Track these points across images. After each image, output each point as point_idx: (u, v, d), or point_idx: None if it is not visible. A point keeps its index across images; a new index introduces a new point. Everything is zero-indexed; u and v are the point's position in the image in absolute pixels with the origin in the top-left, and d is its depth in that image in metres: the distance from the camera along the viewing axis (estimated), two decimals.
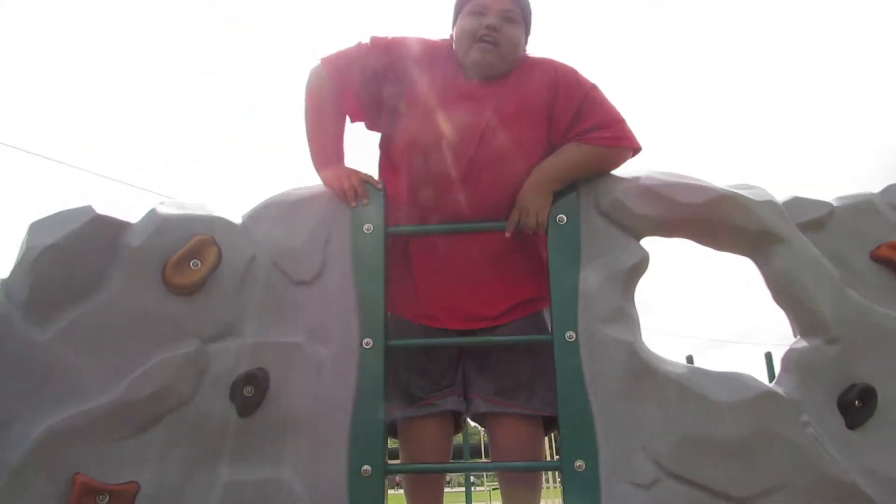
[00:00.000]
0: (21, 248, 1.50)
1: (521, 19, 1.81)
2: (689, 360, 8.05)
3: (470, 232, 1.81)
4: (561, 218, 1.72)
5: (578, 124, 1.74)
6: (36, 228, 1.51)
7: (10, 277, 1.49)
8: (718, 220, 1.70)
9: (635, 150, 1.78)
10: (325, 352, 1.66)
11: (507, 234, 1.74)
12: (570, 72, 1.79)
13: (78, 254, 1.51)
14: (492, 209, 1.77)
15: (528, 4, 1.85)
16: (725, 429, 1.57)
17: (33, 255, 1.48)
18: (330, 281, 1.70)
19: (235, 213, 1.72)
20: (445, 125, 1.75)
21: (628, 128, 1.77)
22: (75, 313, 1.52)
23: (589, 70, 1.81)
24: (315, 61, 1.85)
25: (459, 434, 2.07)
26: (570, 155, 1.74)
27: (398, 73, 1.79)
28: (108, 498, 1.45)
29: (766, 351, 7.18)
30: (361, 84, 1.80)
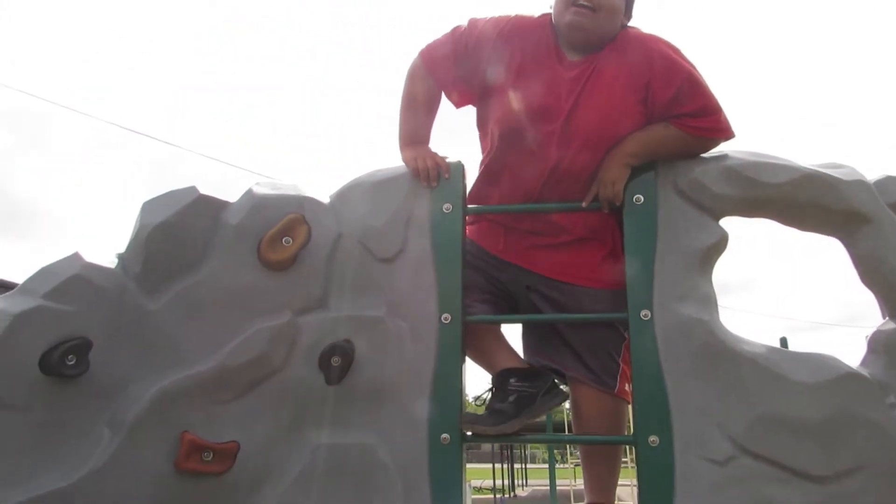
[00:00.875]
0: (135, 225, 1.65)
1: None
2: (783, 342, 7.75)
3: (548, 212, 1.84)
4: (638, 198, 1.73)
5: (677, 107, 1.71)
6: (148, 207, 1.66)
7: (125, 252, 1.64)
8: (803, 200, 1.67)
9: (728, 139, 1.74)
10: (406, 326, 1.75)
11: (584, 205, 1.76)
12: (670, 51, 1.75)
13: (184, 231, 1.65)
14: (581, 183, 1.79)
15: None
16: (804, 408, 1.56)
17: (146, 231, 1.62)
18: (411, 258, 1.77)
19: (324, 193, 1.82)
20: (534, 99, 1.76)
21: (725, 118, 1.72)
22: (182, 285, 1.65)
23: None
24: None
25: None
26: (657, 133, 1.73)
27: (492, 51, 1.81)
28: (212, 455, 1.59)
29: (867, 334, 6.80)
30: (457, 71, 1.84)
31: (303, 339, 1.70)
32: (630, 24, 1.85)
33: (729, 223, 1.73)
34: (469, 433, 1.72)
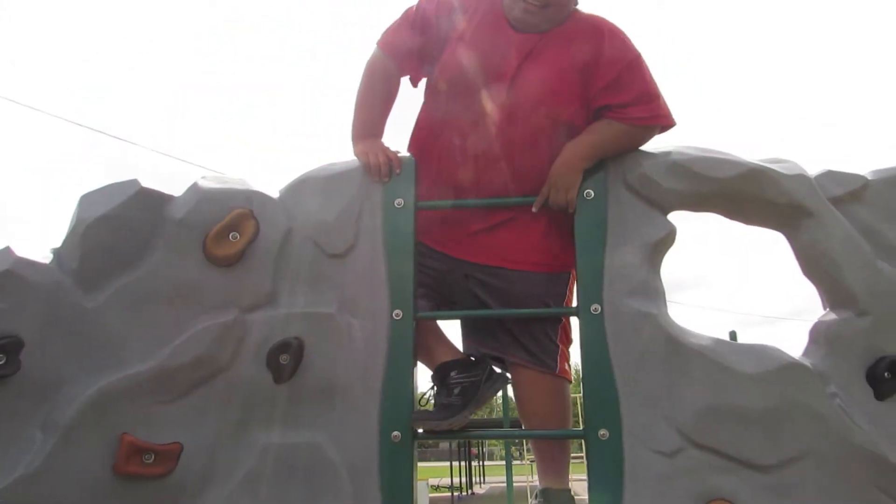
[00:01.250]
0: (72, 219, 1.59)
1: None
2: (732, 336, 7.95)
3: (499, 206, 1.84)
4: (588, 192, 1.74)
5: (615, 94, 1.73)
6: (86, 201, 1.60)
7: (62, 247, 1.57)
8: (747, 194, 1.70)
9: (668, 127, 1.78)
10: (357, 322, 1.72)
11: (534, 210, 1.77)
12: (616, 35, 1.76)
13: (125, 225, 1.59)
14: (526, 157, 1.80)
15: None
16: (749, 399, 1.59)
17: (83, 225, 1.56)
18: (362, 254, 1.75)
19: (273, 188, 1.78)
20: (479, 70, 1.77)
21: (664, 104, 1.76)
22: (122, 282, 1.60)
23: None
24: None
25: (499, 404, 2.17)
26: (604, 133, 1.75)
27: (442, 22, 1.83)
28: (153, 457, 1.54)
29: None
30: (413, 44, 1.85)
31: (251, 336, 1.66)
32: (579, 6, 1.84)
33: (679, 220, 1.76)
34: (420, 430, 1.71)
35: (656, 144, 1.79)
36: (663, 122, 1.76)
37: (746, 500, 1.55)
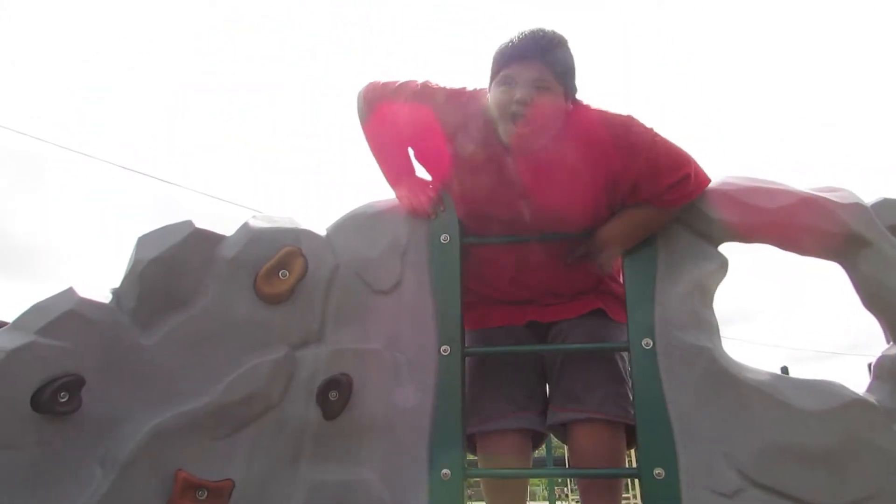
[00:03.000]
0: (130, 259, 1.63)
1: (558, 82, 1.64)
2: (784, 371, 7.68)
3: (540, 240, 1.83)
4: None
5: (642, 193, 1.68)
6: (143, 242, 1.64)
7: (120, 287, 1.62)
8: (800, 225, 1.66)
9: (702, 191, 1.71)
10: (404, 358, 1.73)
11: (568, 261, 1.77)
12: (622, 133, 1.66)
13: (180, 265, 1.63)
14: (558, 271, 1.83)
15: (564, 60, 1.67)
16: (812, 437, 1.53)
17: (141, 266, 1.60)
18: (408, 290, 1.76)
19: (320, 225, 1.81)
20: (483, 196, 1.75)
21: (692, 178, 1.66)
22: (177, 320, 1.63)
23: (589, 69, 1.79)
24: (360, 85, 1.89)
25: (542, 447, 2.12)
26: (646, 217, 1.70)
27: (439, 131, 1.76)
28: (206, 493, 1.55)
29: (869, 362, 6.77)
30: (411, 131, 1.82)
31: (300, 373, 1.68)
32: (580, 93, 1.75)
33: (730, 253, 1.72)
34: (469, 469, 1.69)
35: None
36: (695, 195, 1.68)
37: None
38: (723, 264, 1.68)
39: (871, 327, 1.75)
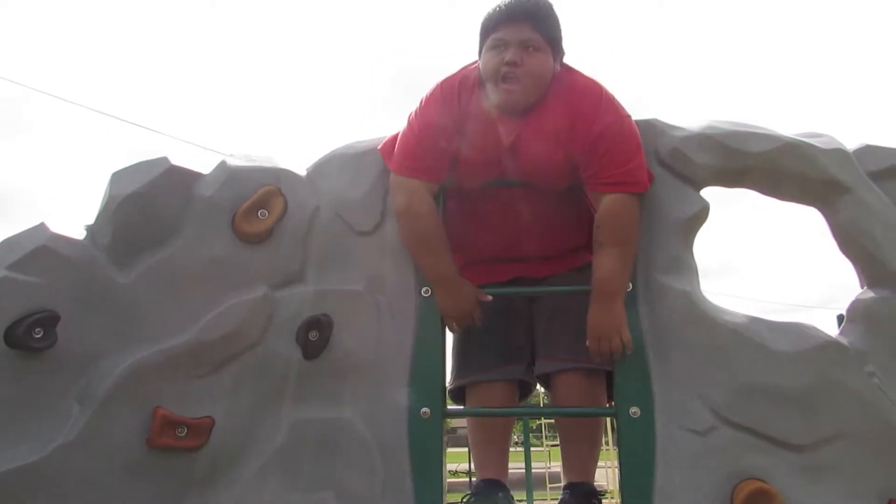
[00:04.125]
0: (104, 195, 1.59)
1: (546, 43, 1.66)
2: None
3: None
4: None
5: (588, 165, 1.66)
6: (117, 178, 1.60)
7: (94, 223, 1.59)
8: (782, 169, 1.67)
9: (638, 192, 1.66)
10: (385, 299, 1.72)
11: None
12: (587, 104, 1.65)
13: (155, 202, 1.59)
14: (547, 226, 1.82)
15: (552, 22, 1.69)
16: (785, 377, 1.56)
17: (115, 202, 1.57)
18: (390, 231, 1.75)
19: (300, 165, 1.78)
20: (474, 156, 1.72)
21: (636, 171, 1.64)
22: (154, 258, 1.60)
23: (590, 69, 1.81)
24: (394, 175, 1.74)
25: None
26: (608, 257, 1.63)
27: (446, 132, 1.72)
28: (186, 430, 1.55)
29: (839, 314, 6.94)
30: (439, 154, 1.72)
31: (280, 313, 1.67)
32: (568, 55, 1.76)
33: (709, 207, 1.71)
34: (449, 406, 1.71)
35: (688, 119, 1.75)
36: (632, 189, 1.64)
37: (780, 479, 1.53)
38: (704, 208, 1.68)
39: (842, 281, 1.77)
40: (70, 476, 1.45)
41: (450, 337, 1.83)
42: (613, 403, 1.67)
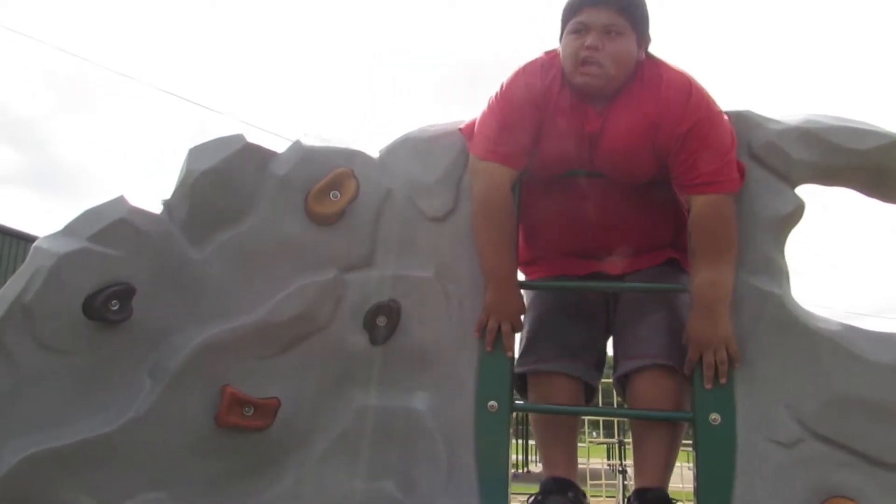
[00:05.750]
0: (181, 170, 1.59)
1: (631, 28, 1.60)
2: None
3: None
4: None
5: (678, 170, 1.58)
6: (195, 153, 1.60)
7: (171, 198, 1.59)
8: (888, 169, 1.55)
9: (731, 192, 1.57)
10: (455, 288, 1.68)
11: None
12: (675, 97, 1.58)
13: (231, 179, 1.59)
14: (630, 221, 1.75)
15: (638, 5, 1.64)
16: (884, 391, 1.46)
17: (192, 177, 1.56)
18: (463, 218, 1.70)
19: (373, 148, 1.75)
20: (554, 146, 1.65)
21: (727, 169, 1.55)
22: (226, 236, 1.60)
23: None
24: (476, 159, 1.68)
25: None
26: (705, 264, 1.56)
27: (529, 116, 1.66)
28: (252, 410, 1.54)
29: None
30: (522, 140, 1.66)
31: (348, 296, 1.64)
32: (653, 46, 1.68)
33: None
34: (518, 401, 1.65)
35: (785, 112, 1.65)
36: (725, 188, 1.55)
37: (872, 498, 1.44)
38: (799, 207, 1.58)
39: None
40: (140, 449, 1.47)
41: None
42: (691, 408, 1.59)
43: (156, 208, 1.59)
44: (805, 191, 1.63)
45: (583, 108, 1.64)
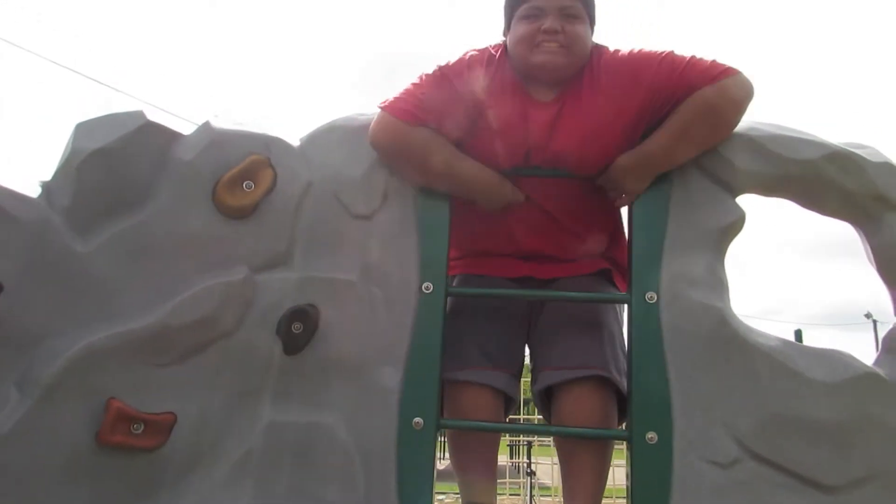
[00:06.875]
0: (65, 149, 1.38)
1: (585, 13, 1.56)
2: (798, 335, 7.74)
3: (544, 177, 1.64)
4: None
5: (691, 76, 1.49)
6: (82, 130, 1.39)
7: (52, 180, 1.37)
8: (828, 180, 1.52)
9: (742, 84, 1.49)
10: (380, 293, 1.54)
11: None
12: (664, 56, 1.52)
13: (126, 161, 1.39)
14: (578, 221, 1.68)
15: None
16: (820, 409, 1.41)
17: (79, 158, 1.35)
18: (390, 217, 1.56)
19: (294, 135, 1.58)
20: (512, 151, 1.56)
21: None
22: (120, 226, 1.40)
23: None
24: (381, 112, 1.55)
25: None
26: (676, 120, 1.49)
27: (464, 102, 1.56)
28: (142, 427, 1.35)
29: (794, 329, 7.00)
30: (443, 111, 1.55)
31: (260, 299, 1.47)
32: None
33: None
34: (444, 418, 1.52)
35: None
36: (730, 72, 1.48)
37: None
38: (741, 217, 1.52)
39: (782, 298, 1.64)
40: (5, 473, 1.25)
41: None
42: (626, 426, 1.51)
43: (32, 191, 1.37)
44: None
45: (530, 99, 1.55)
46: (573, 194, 1.63)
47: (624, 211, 1.67)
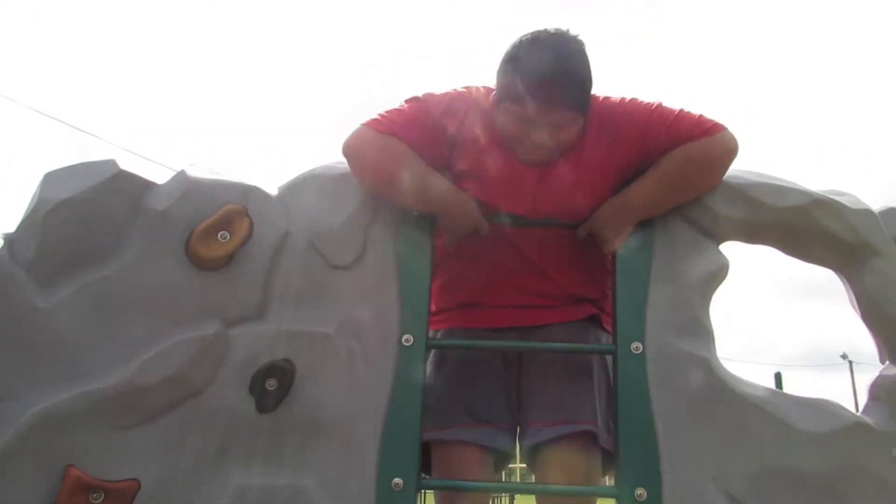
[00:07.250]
0: (32, 200, 1.33)
1: (580, 113, 1.48)
2: (778, 378, 7.72)
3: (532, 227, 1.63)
4: None
5: (680, 129, 1.50)
6: (50, 180, 1.34)
7: (16, 232, 1.31)
8: (809, 227, 1.52)
9: (728, 142, 1.50)
10: (360, 347, 1.48)
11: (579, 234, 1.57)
12: (653, 108, 1.52)
13: (95, 213, 1.34)
14: (560, 270, 1.65)
15: (585, 87, 1.48)
16: (811, 461, 1.39)
17: (45, 209, 1.30)
18: (370, 268, 1.52)
19: (271, 184, 1.54)
20: (495, 193, 1.56)
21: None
22: (86, 280, 1.33)
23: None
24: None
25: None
26: (661, 170, 1.49)
27: (443, 134, 1.54)
28: (102, 496, 1.26)
29: (775, 371, 7.03)
30: (425, 138, 1.53)
31: (233, 355, 1.41)
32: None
33: None
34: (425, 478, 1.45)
35: None
36: (716, 129, 1.49)
37: None
38: (724, 266, 1.51)
39: (763, 338, 1.64)
40: None
41: None
42: (615, 482, 1.46)
43: None
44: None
45: (515, 160, 1.54)
46: (558, 243, 1.61)
47: None
